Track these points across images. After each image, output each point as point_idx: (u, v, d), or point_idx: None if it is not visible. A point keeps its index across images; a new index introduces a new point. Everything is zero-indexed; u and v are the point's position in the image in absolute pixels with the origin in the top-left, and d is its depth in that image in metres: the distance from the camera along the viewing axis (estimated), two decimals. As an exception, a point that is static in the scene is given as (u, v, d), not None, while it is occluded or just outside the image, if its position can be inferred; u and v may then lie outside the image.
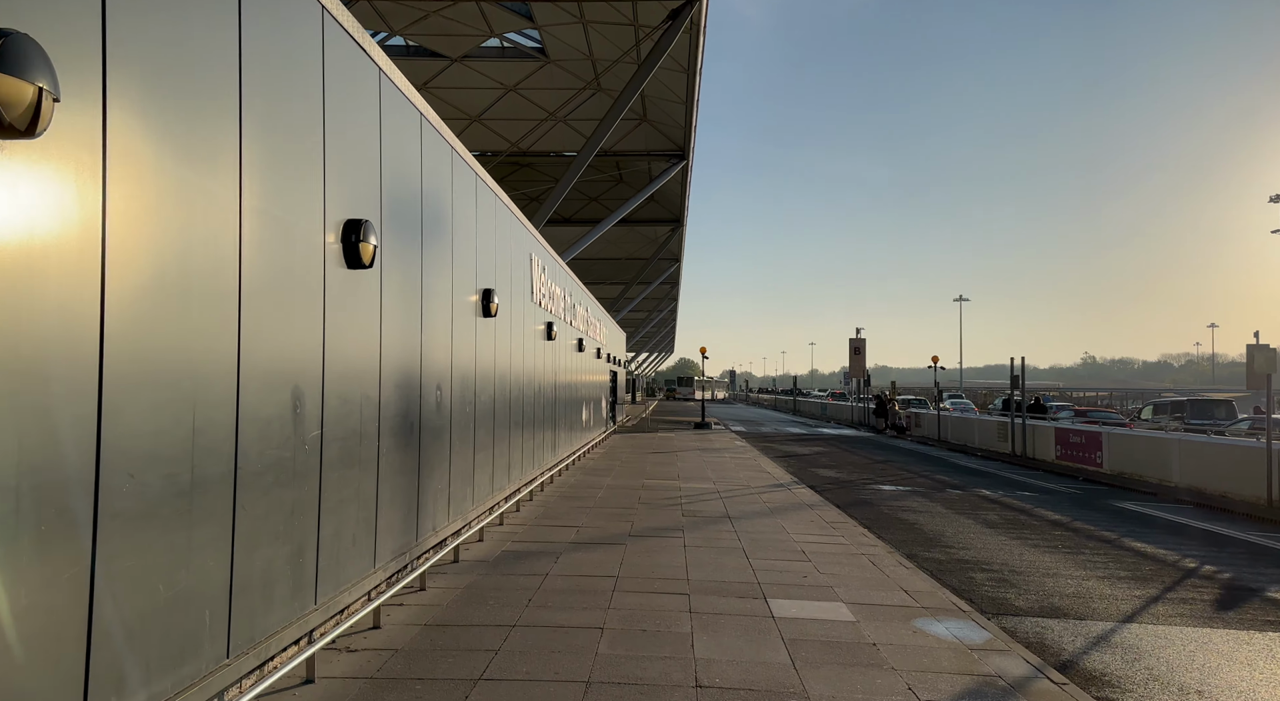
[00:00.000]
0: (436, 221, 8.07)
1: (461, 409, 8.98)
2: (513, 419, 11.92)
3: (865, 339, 42.56)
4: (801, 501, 13.10)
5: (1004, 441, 25.28)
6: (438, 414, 8.08)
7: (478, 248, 9.81)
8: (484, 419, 10.07)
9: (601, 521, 10.65)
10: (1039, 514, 13.20)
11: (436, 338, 8.05)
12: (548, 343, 15.19)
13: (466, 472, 9.21)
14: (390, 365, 6.70)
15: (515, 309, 12.14)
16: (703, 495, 13.50)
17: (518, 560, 8.22)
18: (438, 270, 8.09)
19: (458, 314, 8.83)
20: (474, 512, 9.49)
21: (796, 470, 18.95)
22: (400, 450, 6.97)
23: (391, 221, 6.73)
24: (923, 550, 9.87)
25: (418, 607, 6.42)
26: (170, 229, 3.79)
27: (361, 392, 6.09)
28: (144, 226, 3.58)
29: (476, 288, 9.72)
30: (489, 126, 32.04)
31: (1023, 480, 18.39)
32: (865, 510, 13.00)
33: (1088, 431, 20.36)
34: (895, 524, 11.77)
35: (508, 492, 11.49)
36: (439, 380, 8.14)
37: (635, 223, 42.39)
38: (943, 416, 30.26)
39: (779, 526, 10.59)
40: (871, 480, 17.55)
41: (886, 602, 6.90)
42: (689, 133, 30.76)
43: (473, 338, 9.52)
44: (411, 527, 7.30)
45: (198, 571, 4.00)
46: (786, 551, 8.96)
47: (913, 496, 14.99)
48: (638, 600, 6.73)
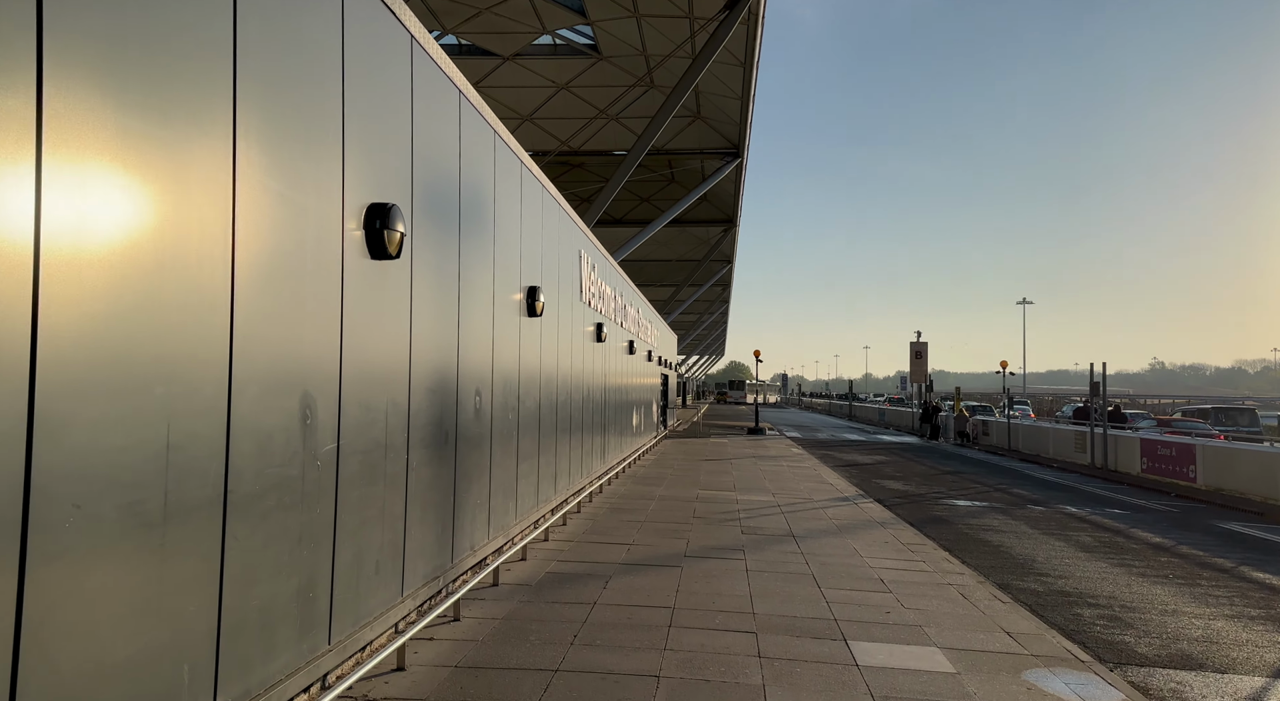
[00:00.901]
0: (476, 211, 7.37)
1: (504, 416, 8.26)
2: (559, 426, 11.19)
3: (927, 342, 40.97)
4: (871, 518, 12.09)
5: (1081, 452, 23.74)
6: (476, 421, 7.37)
7: (522, 241, 9.09)
8: (528, 426, 9.34)
9: (654, 538, 9.84)
10: (1136, 535, 11.97)
11: (475, 338, 7.34)
12: (597, 345, 14.44)
13: (509, 485, 8.49)
14: (422, 368, 6.00)
15: (563, 308, 11.41)
16: (762, 509, 12.59)
17: (563, 584, 7.45)
18: (477, 264, 7.38)
19: (500, 312, 8.12)
20: (517, 528, 8.77)
21: (860, 481, 17.87)
22: (434, 462, 6.26)
23: (424, 208, 6.02)
24: (1015, 579, 8.82)
25: (450, 643, 5.68)
26: (138, 202, 3.09)
27: (388, 399, 5.39)
28: (101, 198, 2.89)
29: (520, 285, 9.00)
30: (540, 126, 31.55)
31: (1108, 495, 17.01)
32: (942, 529, 11.93)
33: (1179, 443, 18.83)
34: (978, 546, 10.70)
35: (554, 504, 10.75)
36: (478, 384, 7.43)
37: (687, 223, 41.59)
38: (1013, 425, 28.69)
39: (850, 548, 9.64)
40: (943, 494, 16.39)
41: (988, 647, 5.94)
42: (744, 129, 29.80)
43: (516, 338, 8.80)
44: (446, 548, 6.59)
45: (172, 619, 3.30)
46: (862, 579, 8.02)
47: (992, 513, 13.83)
48: (698, 639, 5.90)
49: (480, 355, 7.52)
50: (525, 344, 9.20)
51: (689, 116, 31.30)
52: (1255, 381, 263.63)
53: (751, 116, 28.59)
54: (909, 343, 41.44)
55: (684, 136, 33.00)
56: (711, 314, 75.08)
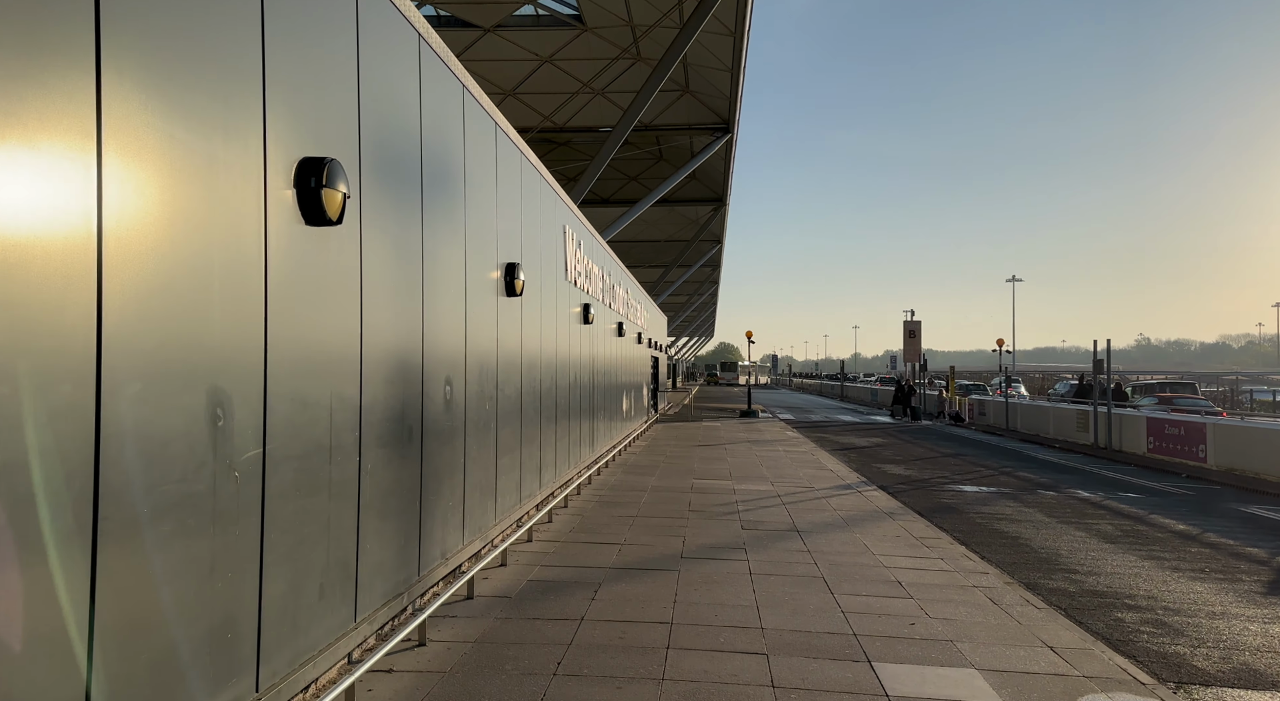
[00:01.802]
0: (442, 176, 6.49)
1: (479, 406, 7.44)
2: (544, 414, 10.37)
3: (921, 321, 40.33)
4: (877, 508, 11.36)
5: (1084, 432, 23.12)
6: (448, 414, 6.54)
7: (499, 214, 8.23)
8: (509, 416, 8.52)
9: (647, 536, 9.06)
10: (1158, 522, 11.28)
11: (445, 320, 6.50)
12: (584, 327, 13.60)
13: (486, 482, 7.68)
14: (378, 355, 5.16)
15: (546, 288, 10.56)
16: (761, 500, 11.84)
17: (546, 595, 6.66)
18: (445, 237, 6.52)
19: (474, 292, 7.27)
20: (497, 530, 7.97)
21: (860, 466, 17.16)
22: (394, 463, 5.44)
23: (376, 168, 5.16)
24: (1043, 577, 8.09)
25: (411, 677, 4.88)
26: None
27: (332, 392, 4.55)
28: None
29: (498, 261, 8.15)
30: (524, 101, 30.44)
31: (1118, 477, 16.35)
32: (954, 519, 11.21)
33: (1188, 422, 18.19)
34: (996, 538, 9.98)
35: (539, 500, 9.95)
36: (449, 372, 6.59)
37: (676, 202, 40.64)
38: (1012, 404, 28.06)
39: (859, 544, 8.89)
40: (948, 479, 15.69)
41: (1032, 667, 5.19)
42: (734, 103, 28.82)
43: (493, 320, 7.96)
44: (412, 560, 5.78)
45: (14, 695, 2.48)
46: (878, 582, 7.27)
47: (1002, 500, 13.13)
48: (700, 663, 5.12)
49: (451, 339, 6.68)
50: (504, 326, 8.36)
51: (677, 91, 30.26)
52: (1240, 356, 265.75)
53: (742, 90, 27.63)
54: (901, 321, 40.78)
55: (672, 112, 31.96)
56: (701, 295, 74.21)
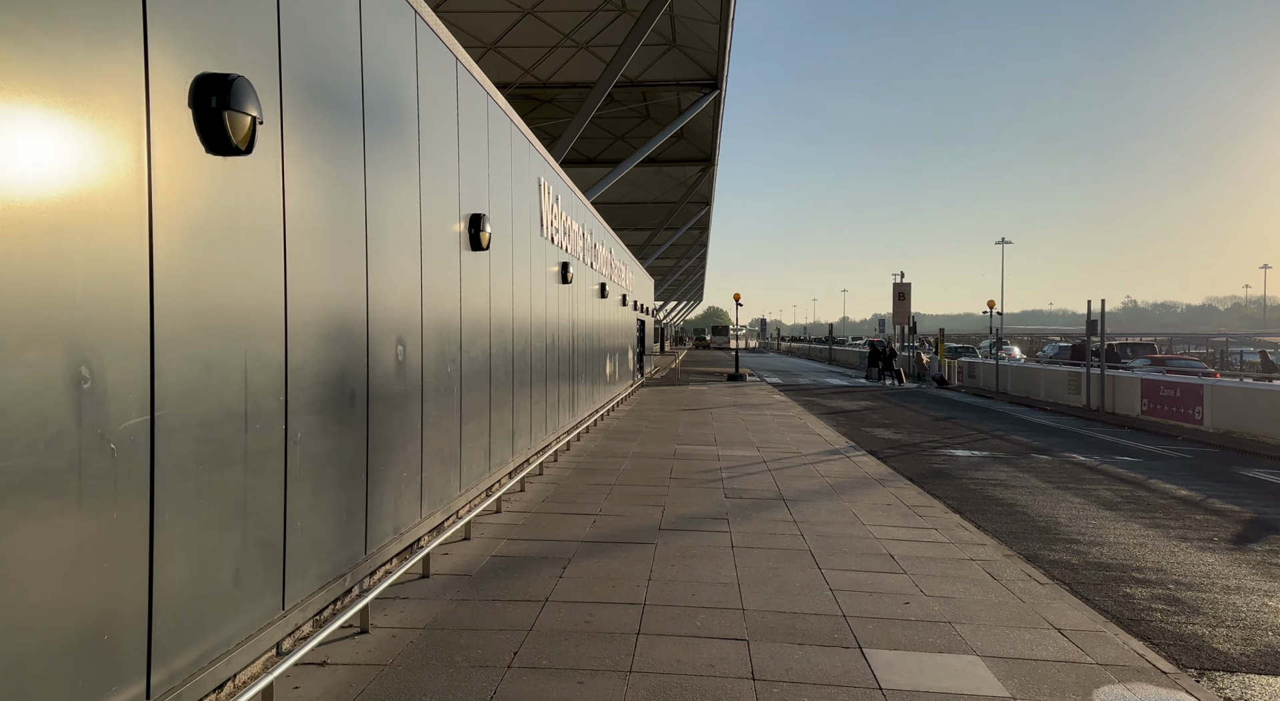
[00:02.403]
0: (390, 110, 5.81)
1: (439, 369, 6.84)
2: (517, 378, 9.79)
3: (910, 283, 39.80)
4: (867, 474, 10.89)
5: (1075, 394, 22.77)
6: (399, 377, 5.94)
7: (461, 159, 7.55)
8: (475, 380, 7.93)
9: (624, 506, 8.55)
10: (1159, 488, 10.87)
11: (396, 273, 5.87)
12: (563, 286, 12.96)
13: (449, 450, 7.11)
14: (308, 309, 4.54)
15: (519, 244, 9.90)
16: (747, 466, 11.35)
17: (509, 573, 6.14)
18: (395, 181, 5.86)
19: (432, 244, 6.63)
20: (462, 500, 7.42)
21: (849, 430, 16.72)
22: (332, 430, 4.86)
23: (300, 92, 4.48)
24: (1043, 548, 7.63)
25: (347, 670, 4.35)
26: None
27: (246, 351, 3.94)
28: None
29: (460, 212, 7.49)
30: (506, 56, 29.31)
31: (1113, 440, 15.98)
32: (946, 485, 10.76)
33: (1184, 383, 17.81)
34: (991, 506, 9.53)
35: (511, 467, 9.41)
36: (401, 332, 5.98)
37: (663, 162, 39.68)
38: (1002, 366, 27.67)
39: (848, 513, 8.41)
40: (939, 443, 15.26)
41: (1040, 654, 4.71)
42: (723, 58, 27.85)
43: (455, 277, 7.32)
44: (357, 537, 5.23)
45: None
46: (869, 555, 6.78)
47: (995, 464, 12.70)
48: (673, 652, 4.61)
49: (404, 296, 6.05)
50: (469, 283, 7.73)
51: (664, 44, 29.21)
52: (1226, 318, 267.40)
53: (730, 43, 26.68)
54: (889, 285, 40.29)
55: (658, 67, 30.91)
56: (689, 258, 73.38)
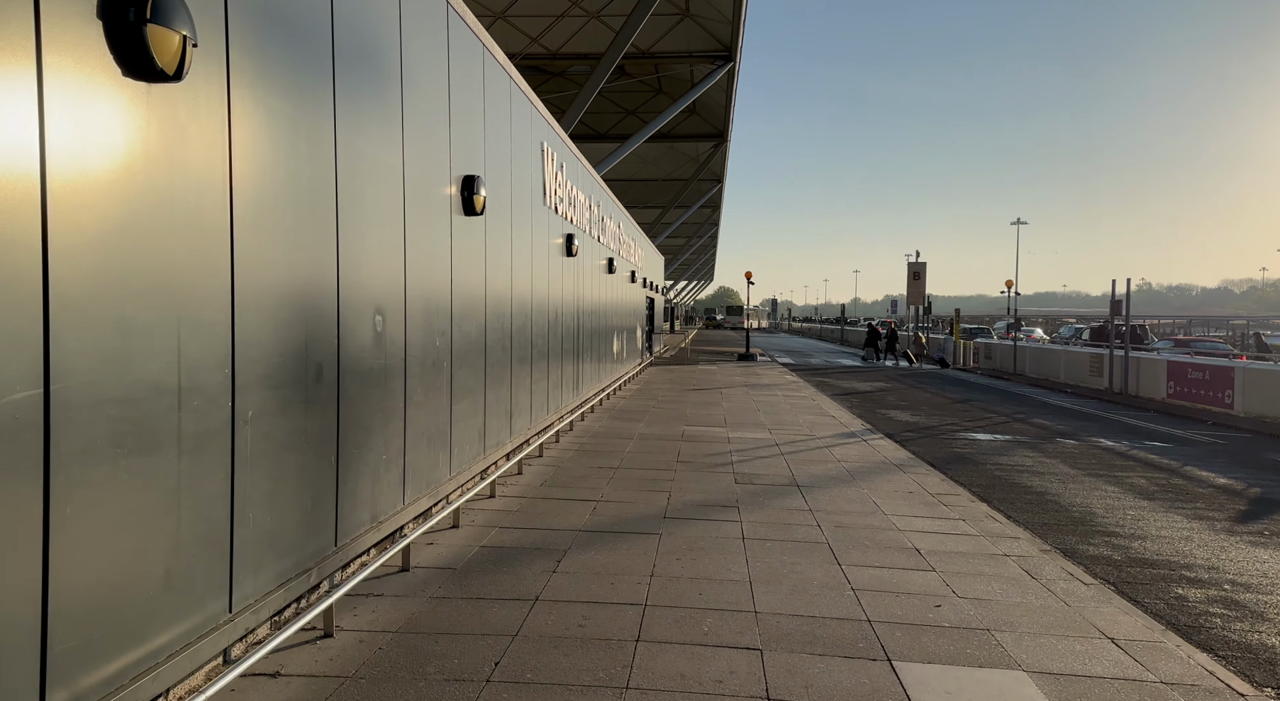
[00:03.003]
0: (364, 52, 5.21)
1: (426, 342, 6.28)
2: (516, 354, 9.23)
3: (926, 262, 38.97)
4: (885, 458, 10.31)
5: (1097, 376, 22.06)
6: (378, 350, 5.39)
7: (453, 115, 6.94)
8: (468, 355, 7.37)
9: (628, 492, 8.00)
10: (1195, 476, 10.26)
11: (374, 236, 5.29)
12: (567, 259, 12.37)
13: (438, 430, 6.56)
14: (261, 269, 3.98)
15: (518, 211, 9.30)
16: (758, 449, 10.79)
17: (498, 566, 5.60)
18: (373, 132, 5.27)
19: (418, 206, 6.04)
20: (452, 485, 6.89)
21: (864, 412, 16.12)
22: (294, 408, 4.31)
23: (252, 18, 3.89)
24: (1081, 541, 7.05)
25: (302, 682, 3.83)
26: None
27: (180, 315, 3.38)
28: None
29: (452, 174, 6.90)
30: (515, 25, 28.51)
31: (1140, 424, 15.33)
32: (970, 471, 10.17)
33: (1214, 365, 17.10)
34: (1020, 494, 8.93)
35: (509, 448, 8.88)
36: (380, 302, 5.41)
37: (675, 138, 38.86)
38: (1020, 347, 26.93)
39: (868, 501, 7.85)
40: (958, 426, 14.64)
41: (1094, 670, 4.14)
42: (737, 27, 26.95)
43: (446, 243, 6.74)
44: (325, 527, 4.69)
45: None
46: (893, 549, 6.22)
47: (1020, 449, 12.09)
48: (677, 664, 4.07)
49: (383, 262, 5.48)
50: (462, 252, 7.15)
51: (676, 14, 28.32)
52: (1241, 301, 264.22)
53: (745, 12, 25.79)
54: (902, 266, 39.49)
55: (671, 38, 30.03)
56: (700, 237, 72.47)
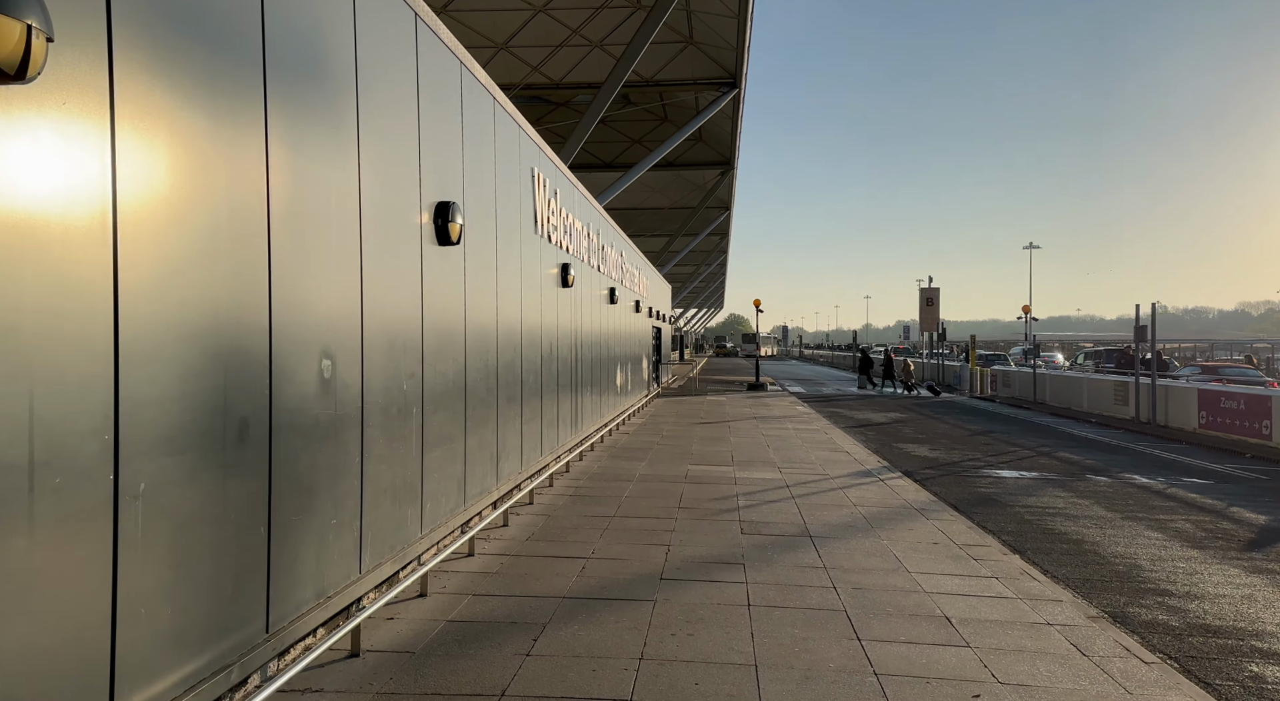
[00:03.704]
0: (307, 59, 4.60)
1: (389, 386, 5.61)
2: (503, 393, 8.55)
3: (939, 287, 38.25)
4: (905, 502, 9.53)
5: (1123, 405, 21.18)
6: (324, 399, 4.72)
7: (423, 135, 6.34)
8: (444, 398, 6.70)
9: (622, 546, 7.26)
10: (1245, 518, 9.42)
11: (318, 270, 4.65)
12: (563, 290, 11.74)
13: (404, 485, 5.86)
14: (161, 316, 3.33)
15: (505, 240, 8.68)
16: (767, 491, 10.03)
17: (463, 648, 4.87)
18: (317, 150, 4.64)
19: (376, 235, 5.41)
20: (424, 543, 6.17)
21: (879, 446, 15.32)
22: (207, 476, 3.63)
23: (145, 8, 3.28)
24: (1132, 603, 6.25)
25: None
26: None
27: (31, 373, 2.72)
28: None
29: (422, 199, 6.28)
30: (517, 56, 28.28)
31: (1173, 458, 14.46)
32: (998, 516, 9.37)
33: (1249, 394, 16.23)
34: (1055, 543, 8.13)
35: (496, 496, 8.17)
36: (327, 343, 4.75)
37: (681, 166, 38.54)
38: (1040, 375, 26.06)
39: (888, 555, 7.07)
40: (980, 461, 13.82)
41: (1178, 790, 3.37)
42: (742, 55, 26.61)
43: (415, 275, 6.10)
44: (251, 613, 3.99)
45: None
46: (918, 617, 5.45)
47: (1049, 488, 11.27)
48: (664, 785, 3.32)
49: (333, 298, 4.84)
50: (436, 284, 6.51)
51: (680, 42, 28.06)
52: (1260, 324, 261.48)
53: (750, 39, 25.44)
54: (914, 291, 38.78)
55: (675, 66, 29.76)
56: (709, 265, 72.03)
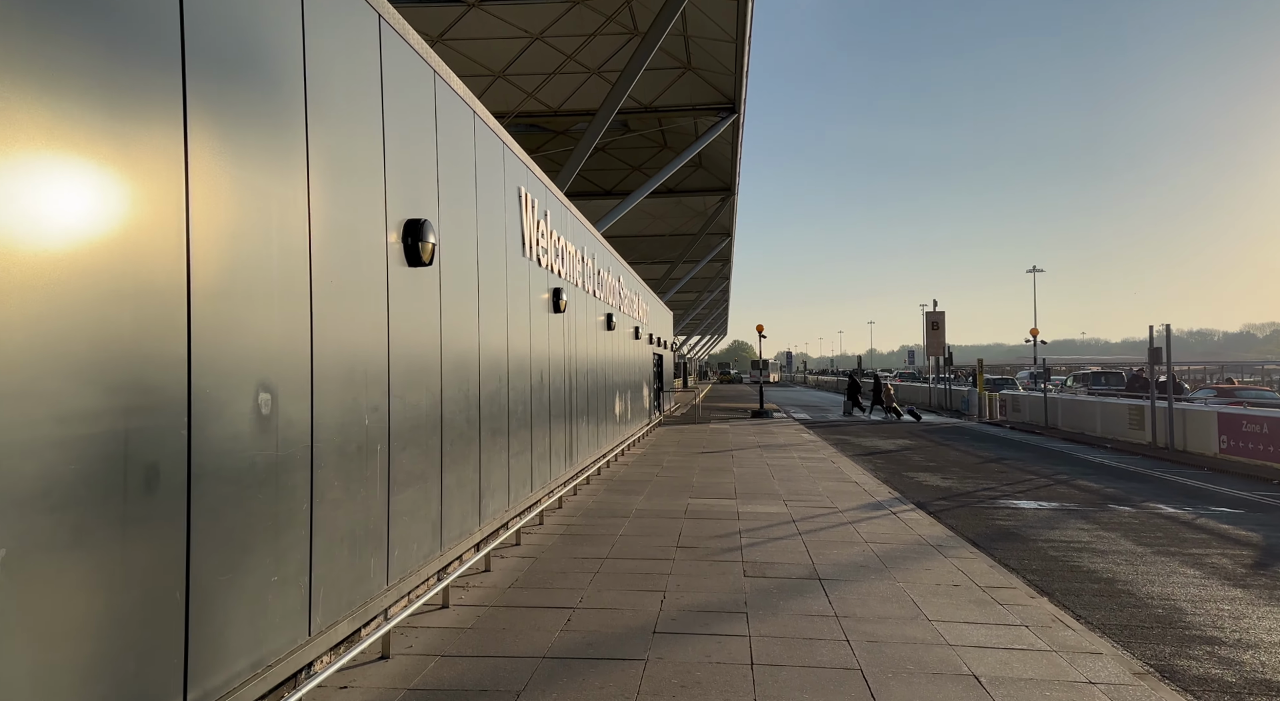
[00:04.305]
0: (245, 60, 4.11)
1: (346, 421, 5.05)
2: (486, 425, 7.98)
3: (944, 311, 37.74)
4: (920, 537, 8.89)
5: (1138, 429, 20.50)
6: (261, 439, 4.15)
7: (389, 150, 5.84)
8: (415, 433, 6.12)
9: (614, 593, 6.64)
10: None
11: (257, 296, 4.12)
12: (554, 315, 11.21)
13: (366, 532, 5.27)
14: (32, 343, 2.79)
15: (488, 262, 8.17)
16: (772, 528, 9.40)
17: (427, 720, 4.25)
18: (255, 157, 4.12)
19: (331, 254, 4.88)
20: (391, 596, 5.56)
21: (889, 476, 14.67)
22: (102, 536, 3.06)
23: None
24: (1178, 654, 5.60)
25: None
26: None
27: None
28: None
29: (388, 217, 5.77)
30: (515, 84, 28.08)
31: (1197, 485, 13.78)
32: (1021, 552, 8.72)
33: (1272, 418, 15.58)
34: (1085, 582, 7.48)
35: (477, 539, 7.56)
36: (266, 375, 4.21)
37: (681, 193, 38.34)
38: (1051, 399, 25.41)
39: (905, 599, 6.44)
40: (995, 491, 13.17)
41: None
42: (740, 80, 26.39)
43: (381, 299, 5.57)
44: (165, 695, 3.40)
45: None
46: (943, 677, 4.82)
47: (1070, 520, 10.61)
48: None
49: (274, 323, 4.30)
50: (405, 308, 5.98)
51: (678, 68, 27.87)
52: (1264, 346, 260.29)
53: (748, 63, 25.22)
54: (917, 316, 38.30)
55: (674, 92, 29.56)
56: (711, 291, 71.69)
